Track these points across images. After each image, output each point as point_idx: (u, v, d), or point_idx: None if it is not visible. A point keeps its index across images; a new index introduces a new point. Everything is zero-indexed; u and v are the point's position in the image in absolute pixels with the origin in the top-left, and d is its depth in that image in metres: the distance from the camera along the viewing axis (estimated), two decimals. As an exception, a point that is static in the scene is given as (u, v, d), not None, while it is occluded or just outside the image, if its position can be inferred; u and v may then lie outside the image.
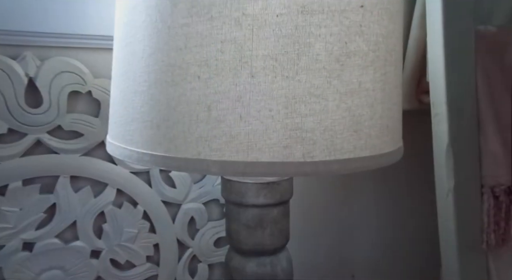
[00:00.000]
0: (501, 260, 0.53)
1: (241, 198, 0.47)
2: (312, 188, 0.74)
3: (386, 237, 0.83)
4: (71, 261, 0.53)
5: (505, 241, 0.51)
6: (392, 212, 0.83)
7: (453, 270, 0.52)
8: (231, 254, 0.51)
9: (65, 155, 0.52)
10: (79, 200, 0.53)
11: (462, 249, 0.52)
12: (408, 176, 0.85)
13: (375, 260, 0.82)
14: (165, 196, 0.59)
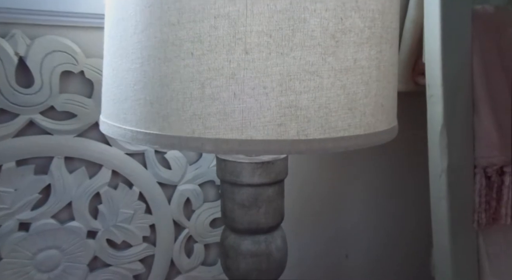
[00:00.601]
0: (491, 238, 0.54)
1: (236, 178, 0.47)
2: (307, 167, 0.74)
3: (380, 217, 0.84)
4: (68, 241, 0.53)
5: (495, 220, 0.52)
6: (386, 192, 0.84)
7: (444, 248, 0.53)
8: (226, 233, 0.51)
9: (59, 136, 0.52)
10: (74, 181, 0.53)
11: (454, 228, 0.53)
12: (402, 157, 0.86)
13: (369, 240, 0.83)
14: (161, 178, 0.59)
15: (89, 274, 0.55)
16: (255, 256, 0.49)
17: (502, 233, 0.53)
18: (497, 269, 0.52)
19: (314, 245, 0.77)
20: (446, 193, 0.53)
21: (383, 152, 0.83)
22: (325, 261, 0.78)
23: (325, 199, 0.77)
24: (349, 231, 0.81)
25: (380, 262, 0.85)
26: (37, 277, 0.51)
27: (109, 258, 0.56)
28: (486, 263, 0.52)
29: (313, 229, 0.76)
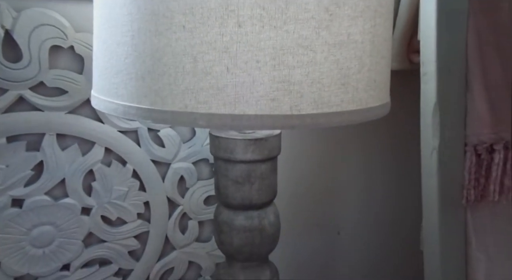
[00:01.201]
0: (478, 215, 0.55)
1: (230, 154, 0.48)
2: (300, 145, 0.75)
3: (372, 195, 0.86)
4: (62, 217, 0.53)
5: (483, 197, 0.54)
6: (378, 169, 0.86)
7: (433, 224, 0.54)
8: (220, 209, 0.52)
9: (50, 112, 0.51)
10: (67, 158, 0.53)
11: (443, 205, 0.54)
12: (395, 135, 0.86)
13: (360, 217, 0.85)
14: (154, 155, 0.59)
15: (84, 249, 0.56)
16: (248, 231, 0.50)
17: (489, 209, 0.55)
18: (482, 243, 0.54)
19: (306, 222, 0.78)
20: (436, 171, 0.54)
21: (376, 129, 0.84)
22: (317, 238, 0.80)
23: (318, 176, 0.78)
24: (341, 208, 0.82)
25: (372, 238, 0.87)
26: (32, 252, 0.52)
27: (104, 234, 0.57)
28: (473, 237, 0.53)
29: (305, 206, 0.77)
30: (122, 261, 0.58)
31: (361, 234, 0.86)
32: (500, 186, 0.53)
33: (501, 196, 0.53)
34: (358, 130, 0.81)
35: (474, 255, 0.53)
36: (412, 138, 0.86)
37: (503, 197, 0.53)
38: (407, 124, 0.86)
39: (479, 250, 0.53)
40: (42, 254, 0.52)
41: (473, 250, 0.53)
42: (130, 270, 0.60)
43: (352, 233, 0.84)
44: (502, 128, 0.52)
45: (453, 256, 0.53)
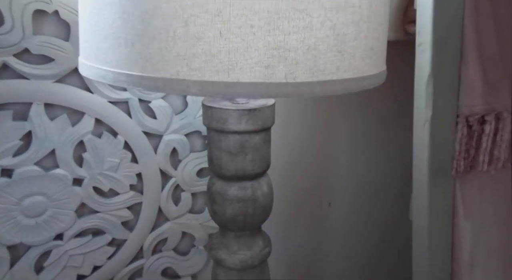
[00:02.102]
0: (467, 185, 0.56)
1: (223, 125, 0.47)
2: (294, 116, 0.74)
3: (363, 166, 0.87)
4: (53, 188, 0.53)
5: (472, 168, 0.55)
6: (370, 141, 0.86)
7: (422, 194, 0.55)
8: (213, 179, 0.52)
9: (36, 81, 0.50)
10: (56, 129, 0.52)
11: (433, 175, 0.55)
12: (389, 106, 0.87)
13: (352, 189, 0.87)
14: (146, 127, 0.59)
15: (77, 220, 0.56)
16: (242, 201, 0.50)
17: (477, 180, 0.56)
18: (469, 213, 0.55)
19: (299, 193, 0.79)
20: (428, 142, 0.54)
21: (370, 100, 0.84)
22: (309, 209, 0.82)
23: (311, 148, 0.79)
24: (333, 179, 0.84)
25: (362, 210, 0.89)
26: (24, 222, 0.52)
27: (97, 205, 0.57)
28: (460, 207, 0.55)
29: (298, 177, 0.78)
30: (115, 232, 0.59)
31: (352, 205, 0.88)
32: (489, 157, 0.54)
33: (490, 166, 0.54)
34: (352, 101, 0.81)
35: (461, 224, 0.55)
36: (405, 109, 0.86)
37: (491, 167, 0.54)
38: (400, 96, 0.86)
39: (466, 219, 0.55)
40: (35, 224, 0.52)
41: (460, 219, 0.55)
42: (124, 240, 0.60)
43: (343, 205, 0.86)
44: (494, 99, 0.52)
45: (441, 225, 0.55)
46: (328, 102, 0.78)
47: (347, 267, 0.90)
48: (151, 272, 0.63)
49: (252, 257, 0.53)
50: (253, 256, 0.53)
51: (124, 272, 0.61)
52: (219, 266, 0.55)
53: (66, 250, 0.55)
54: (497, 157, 0.54)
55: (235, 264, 0.52)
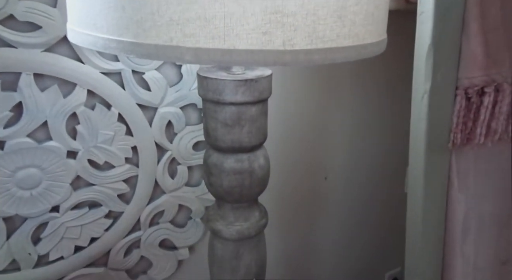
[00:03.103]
0: (463, 158, 0.56)
1: (219, 96, 0.46)
2: (291, 87, 0.73)
3: (360, 139, 0.87)
4: (47, 160, 0.52)
5: (469, 140, 0.54)
6: (368, 113, 0.86)
7: (418, 167, 0.56)
8: (209, 151, 0.52)
9: (24, 49, 0.48)
10: (47, 100, 0.51)
11: (429, 148, 0.55)
12: (387, 78, 0.86)
13: (348, 163, 0.87)
14: (140, 99, 0.57)
15: (72, 192, 0.55)
16: (238, 173, 0.50)
17: (473, 153, 0.56)
18: (464, 185, 0.56)
19: (295, 166, 0.79)
20: (426, 115, 0.54)
21: (369, 72, 0.82)
22: (305, 183, 0.82)
23: (308, 120, 0.78)
24: (329, 153, 0.84)
25: (358, 183, 0.90)
26: (19, 194, 0.51)
27: (92, 178, 0.56)
28: (455, 180, 0.55)
29: (294, 150, 0.78)
30: (112, 204, 0.59)
31: (348, 179, 0.88)
32: (486, 129, 0.53)
33: (486, 139, 0.54)
34: (351, 72, 0.80)
35: (455, 196, 0.55)
36: (404, 82, 0.85)
37: (488, 140, 0.54)
38: (399, 68, 0.85)
39: (460, 191, 0.55)
40: (30, 196, 0.52)
41: (455, 191, 0.55)
42: (121, 213, 0.60)
43: (339, 179, 0.87)
44: (495, 71, 0.51)
45: (435, 198, 0.55)
46: (326, 74, 0.77)
47: (342, 241, 0.92)
48: (148, 243, 0.64)
49: (248, 228, 0.54)
50: (249, 228, 0.54)
51: (121, 243, 0.61)
52: (216, 237, 0.55)
53: (63, 222, 0.55)
54: (495, 129, 0.53)
55: (231, 235, 0.53)
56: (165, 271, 0.67)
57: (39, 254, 0.55)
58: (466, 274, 0.58)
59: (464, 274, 0.58)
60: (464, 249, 0.57)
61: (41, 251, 0.55)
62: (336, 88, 0.80)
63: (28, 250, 0.54)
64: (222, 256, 0.55)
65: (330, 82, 0.78)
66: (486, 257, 0.60)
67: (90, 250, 0.59)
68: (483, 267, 0.60)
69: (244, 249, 0.54)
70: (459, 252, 0.57)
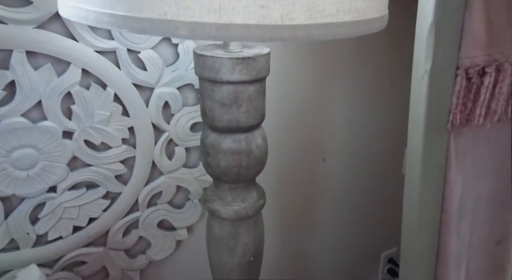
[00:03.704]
0: (461, 139, 0.56)
1: (215, 75, 0.45)
2: (290, 66, 0.72)
3: (359, 120, 0.87)
4: (43, 140, 0.52)
5: (468, 121, 0.54)
6: (367, 94, 0.85)
7: (416, 149, 0.55)
8: (206, 132, 0.51)
9: (15, 26, 0.46)
10: (41, 79, 0.50)
11: (428, 129, 0.54)
12: (387, 58, 0.85)
13: (347, 144, 0.87)
14: (136, 79, 0.56)
15: (69, 173, 0.55)
16: (236, 153, 0.50)
17: (472, 134, 0.56)
18: (461, 166, 0.56)
19: (293, 147, 0.79)
20: (425, 95, 0.53)
21: (368, 52, 0.81)
22: (303, 164, 0.82)
23: (307, 101, 0.77)
24: (328, 134, 0.83)
25: (356, 165, 0.90)
26: (15, 174, 0.51)
27: (89, 158, 0.56)
28: (453, 161, 0.55)
29: (292, 131, 0.78)
30: (109, 185, 0.59)
31: (346, 160, 0.88)
32: (486, 110, 0.53)
33: (486, 120, 0.54)
34: (351, 51, 0.79)
35: (453, 177, 0.55)
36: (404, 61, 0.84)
37: (487, 121, 0.54)
38: (400, 47, 0.84)
39: (458, 172, 0.55)
40: (27, 176, 0.52)
41: (453, 172, 0.55)
42: (118, 194, 0.60)
43: (337, 160, 0.87)
44: (497, 50, 0.50)
45: (433, 178, 0.55)
46: (325, 52, 0.76)
47: (339, 221, 0.93)
48: (147, 224, 0.64)
49: (246, 209, 0.54)
50: (247, 208, 0.54)
51: (120, 224, 0.62)
52: (213, 217, 0.55)
53: (60, 202, 0.55)
54: (494, 110, 0.53)
55: (229, 215, 0.53)
56: (163, 251, 0.67)
57: (37, 234, 0.55)
58: (460, 253, 0.59)
59: (459, 253, 0.59)
60: (460, 229, 0.58)
61: (39, 231, 0.55)
62: (335, 68, 0.78)
63: (26, 230, 0.54)
64: (220, 236, 0.55)
65: (330, 61, 0.77)
66: (481, 237, 0.61)
67: (88, 230, 0.59)
68: (477, 247, 0.61)
69: (241, 229, 0.55)
70: (455, 231, 0.57)
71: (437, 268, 0.59)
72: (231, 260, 0.55)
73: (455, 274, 0.59)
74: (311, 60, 0.75)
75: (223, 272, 0.57)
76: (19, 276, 0.46)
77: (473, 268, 0.61)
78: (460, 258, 0.59)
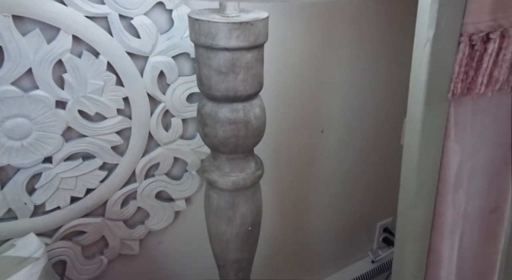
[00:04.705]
0: (461, 109, 0.55)
1: (211, 41, 0.44)
2: (287, 33, 0.70)
3: (358, 91, 0.85)
4: (36, 110, 0.50)
5: (469, 90, 0.53)
6: (367, 63, 0.84)
7: (416, 118, 0.55)
8: (203, 101, 0.50)
9: (-1, -12, 0.44)
10: (30, 45, 0.48)
11: (428, 99, 0.53)
12: (389, 25, 0.82)
13: (344, 116, 0.86)
14: (129, 47, 0.54)
15: (64, 143, 0.54)
16: (233, 123, 0.49)
17: (472, 103, 0.55)
18: (460, 136, 0.55)
19: (292, 119, 0.78)
20: (427, 64, 0.52)
21: (369, 20, 0.79)
22: (301, 136, 0.82)
23: (306, 70, 0.76)
24: (327, 105, 0.82)
25: (354, 137, 0.90)
26: (9, 144, 0.50)
27: (84, 129, 0.55)
28: (452, 130, 0.55)
29: (291, 102, 0.77)
30: (105, 156, 0.58)
31: (344, 132, 0.88)
32: (488, 78, 0.52)
33: (487, 88, 0.53)
34: (350, 18, 0.76)
35: (451, 146, 0.55)
36: (405, 30, 0.82)
37: (489, 90, 0.53)
38: (400, 15, 0.81)
39: (456, 142, 0.55)
40: (21, 146, 0.51)
41: (451, 142, 0.55)
42: (115, 165, 0.60)
43: (336, 132, 0.86)
44: (502, 15, 0.49)
45: (431, 148, 0.55)
46: (325, 19, 0.73)
47: (336, 192, 0.94)
48: (144, 195, 0.64)
49: (244, 179, 0.54)
50: (245, 178, 0.54)
51: (117, 195, 0.62)
52: (211, 188, 0.55)
53: (57, 173, 0.55)
54: (496, 78, 0.52)
55: (227, 185, 0.53)
56: (162, 222, 0.68)
57: (35, 204, 0.55)
58: (455, 221, 0.60)
59: (454, 222, 0.60)
60: (456, 198, 0.58)
61: (37, 201, 0.55)
62: (335, 35, 0.76)
63: (23, 200, 0.54)
64: (218, 206, 0.55)
65: (329, 28, 0.75)
66: (476, 206, 0.61)
67: (86, 201, 0.59)
68: (472, 215, 0.62)
69: (240, 199, 0.55)
70: (451, 201, 0.58)
71: (431, 236, 0.60)
72: (229, 230, 0.56)
73: (449, 242, 0.60)
74: (310, 28, 0.72)
75: (222, 241, 0.57)
76: (18, 244, 0.46)
77: (466, 235, 0.63)
78: (454, 227, 0.60)
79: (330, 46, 0.77)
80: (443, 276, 0.61)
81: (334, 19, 0.75)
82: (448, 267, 0.62)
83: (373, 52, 0.83)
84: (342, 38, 0.78)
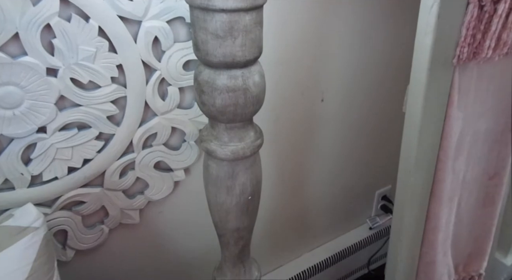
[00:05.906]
0: (466, 74, 0.54)
1: (207, 1, 0.41)
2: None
3: (358, 59, 0.83)
4: (26, 78, 0.49)
5: (475, 55, 0.51)
6: (369, 29, 0.81)
7: (419, 84, 0.53)
8: (200, 68, 0.48)
9: None
10: (14, 8, 0.45)
11: (433, 64, 0.52)
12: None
13: (345, 85, 0.84)
14: (121, 10, 0.52)
15: (58, 113, 0.53)
16: (232, 91, 0.47)
17: (477, 68, 0.53)
18: (463, 102, 0.54)
19: (291, 89, 0.77)
20: (433, 27, 0.50)
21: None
22: (301, 105, 0.80)
23: (306, 34, 0.73)
24: (326, 75, 0.80)
25: (355, 106, 0.89)
26: (0, 113, 0.49)
27: (78, 98, 0.53)
28: (456, 97, 0.53)
29: (291, 68, 0.75)
30: (101, 126, 0.57)
31: (345, 101, 0.86)
32: (496, 42, 0.50)
33: (494, 52, 0.51)
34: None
35: (454, 113, 0.54)
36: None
37: (496, 54, 0.51)
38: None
39: (459, 108, 0.54)
40: (13, 115, 0.49)
41: (454, 109, 0.54)
42: (112, 135, 0.59)
43: (336, 100, 0.85)
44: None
45: (434, 115, 0.54)
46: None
47: (336, 161, 0.94)
48: (143, 165, 0.64)
49: (243, 149, 0.53)
50: (244, 148, 0.53)
51: (116, 165, 0.61)
52: (210, 158, 0.55)
53: (52, 143, 0.54)
54: (505, 41, 0.50)
55: (226, 155, 0.52)
56: (161, 192, 0.68)
57: (32, 174, 0.54)
58: (454, 188, 0.60)
59: (453, 188, 0.60)
60: (456, 165, 0.58)
61: (33, 172, 0.54)
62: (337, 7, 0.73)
63: (19, 170, 0.53)
64: (217, 176, 0.55)
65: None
66: (475, 172, 0.62)
67: (84, 171, 0.58)
68: (471, 182, 0.62)
69: (239, 169, 0.54)
70: (451, 168, 0.58)
71: (430, 203, 0.60)
72: (229, 200, 0.56)
73: (447, 208, 0.61)
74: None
75: (221, 211, 0.58)
76: (16, 214, 0.46)
77: (464, 201, 0.63)
78: (453, 193, 0.61)
79: (330, 8, 0.74)
80: (440, 241, 0.62)
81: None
82: (445, 232, 0.64)
83: (376, 16, 0.80)
84: (344, 2, 0.74)
